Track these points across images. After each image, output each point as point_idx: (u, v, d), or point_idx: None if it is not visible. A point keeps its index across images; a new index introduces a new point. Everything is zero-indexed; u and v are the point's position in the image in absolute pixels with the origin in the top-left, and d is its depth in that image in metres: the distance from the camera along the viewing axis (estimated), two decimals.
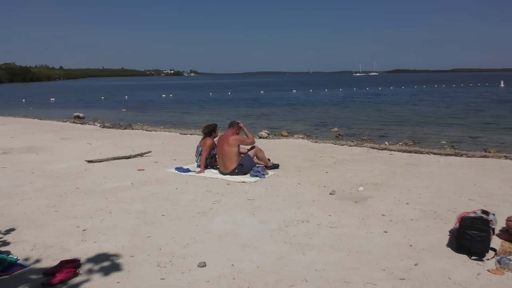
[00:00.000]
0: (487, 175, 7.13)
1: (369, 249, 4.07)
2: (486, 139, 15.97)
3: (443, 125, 20.29)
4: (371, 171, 7.41)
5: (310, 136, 15.64)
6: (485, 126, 20.06)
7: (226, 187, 6.41)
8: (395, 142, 14.85)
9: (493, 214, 4.39)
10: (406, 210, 5.22)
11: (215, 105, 34.51)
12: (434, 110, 28.57)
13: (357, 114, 25.83)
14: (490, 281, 3.42)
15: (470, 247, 3.85)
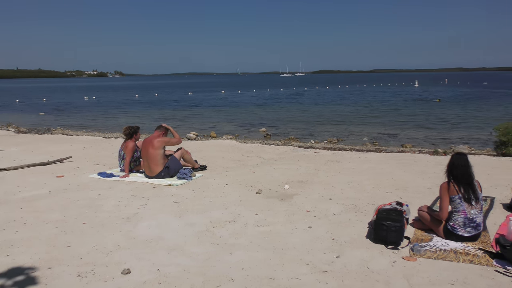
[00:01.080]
0: (403, 169, 7.60)
1: (294, 245, 4.18)
2: (403, 135, 17.05)
3: (365, 123, 21.36)
4: (297, 169, 7.61)
5: (239, 137, 15.74)
6: (402, 123, 21.40)
7: (152, 191, 6.26)
8: (321, 140, 15.37)
9: (406, 205, 4.70)
10: (329, 206, 5.43)
11: (141, 107, 33.62)
12: (356, 109, 30.00)
13: (284, 114, 26.42)
14: (404, 267, 3.66)
15: (386, 237, 4.08)
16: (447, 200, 4.24)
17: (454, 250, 3.98)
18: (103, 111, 29.56)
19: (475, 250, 3.99)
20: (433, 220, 4.40)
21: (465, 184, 4.20)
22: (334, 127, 19.93)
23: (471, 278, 3.46)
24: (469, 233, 4.16)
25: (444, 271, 3.58)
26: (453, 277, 3.48)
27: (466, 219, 4.14)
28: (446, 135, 16.99)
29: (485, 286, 3.33)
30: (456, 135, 17.12)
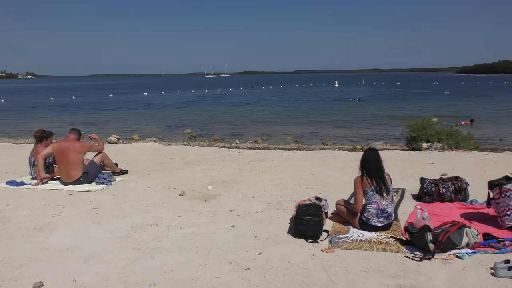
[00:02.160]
0: (323, 165, 7.89)
1: (217, 244, 4.17)
2: (324, 134, 17.74)
3: (289, 122, 21.93)
4: (221, 170, 7.61)
5: (163, 139, 15.44)
6: (324, 122, 22.27)
7: (68, 198, 5.92)
8: (246, 140, 15.52)
9: (325, 200, 4.89)
10: (252, 204, 5.49)
11: (57, 110, 31.69)
12: (280, 109, 30.71)
13: (209, 115, 26.35)
14: (323, 259, 3.80)
15: (306, 231, 4.21)
16: (361, 193, 4.47)
17: (368, 239, 4.21)
18: (13, 116, 27.48)
19: (388, 238, 4.24)
20: (349, 213, 4.62)
21: (376, 177, 4.45)
22: (259, 127, 20.24)
23: (384, 264, 3.67)
24: (382, 223, 4.41)
25: (359, 260, 3.77)
26: (368, 265, 3.67)
27: (379, 210, 4.39)
28: (364, 132, 17.93)
29: (396, 271, 3.55)
30: (373, 132, 18.15)
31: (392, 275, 3.47)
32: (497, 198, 4.47)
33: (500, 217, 4.45)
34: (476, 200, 5.41)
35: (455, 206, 5.24)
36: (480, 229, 4.36)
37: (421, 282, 3.35)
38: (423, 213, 4.48)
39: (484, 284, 3.30)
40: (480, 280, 3.37)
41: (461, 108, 29.78)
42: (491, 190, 4.56)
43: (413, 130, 10.84)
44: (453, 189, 5.38)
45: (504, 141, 15.57)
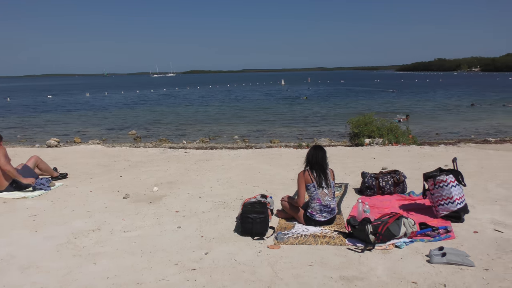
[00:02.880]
0: (269, 163, 7.98)
1: (162, 246, 4.10)
2: (271, 132, 17.94)
3: (236, 121, 21.98)
4: (166, 170, 7.49)
5: (107, 141, 14.99)
6: (271, 120, 22.51)
7: (2, 207, 5.59)
8: (193, 140, 15.40)
9: (270, 197, 4.94)
10: (199, 204, 5.45)
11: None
12: (228, 108, 30.71)
13: (155, 115, 25.88)
14: (269, 255, 3.84)
15: (252, 229, 4.24)
16: (303, 187, 4.57)
17: (313, 234, 4.30)
18: None
19: (331, 232, 4.36)
20: (294, 209, 4.70)
21: (319, 173, 4.55)
22: (206, 126, 20.13)
23: (327, 257, 3.77)
24: (325, 217, 4.53)
25: (304, 254, 3.84)
26: (312, 258, 3.75)
27: (322, 206, 4.50)
28: (310, 130, 18.33)
29: (339, 263, 3.66)
30: (319, 129, 18.59)
31: (336, 267, 3.58)
32: (431, 189, 4.72)
33: (435, 207, 4.70)
34: (413, 191, 5.67)
35: (394, 198, 5.47)
36: (417, 219, 4.60)
37: (363, 273, 3.47)
38: (364, 206, 4.64)
39: (420, 271, 3.47)
40: (417, 267, 3.54)
41: (400, 105, 31.18)
42: (426, 182, 4.81)
43: (356, 126, 11.23)
44: (392, 182, 5.62)
45: (440, 135, 16.47)
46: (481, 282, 3.28)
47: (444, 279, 3.32)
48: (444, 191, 4.58)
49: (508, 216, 4.72)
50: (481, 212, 4.87)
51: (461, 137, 15.45)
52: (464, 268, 3.49)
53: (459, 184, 4.66)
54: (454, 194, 4.56)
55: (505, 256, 3.71)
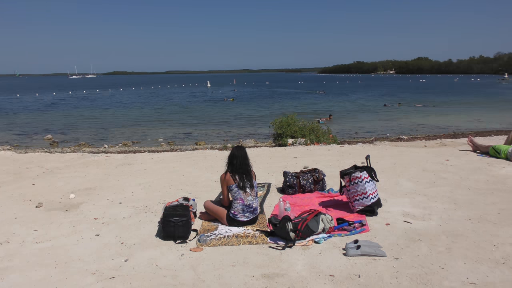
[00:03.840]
0: (193, 166, 7.91)
1: (79, 256, 3.91)
2: (197, 134, 17.82)
3: (161, 124, 21.54)
4: (85, 176, 7.16)
5: (19, 147, 14.00)
6: (197, 122, 22.35)
7: None
8: (115, 144, 14.85)
9: (193, 199, 4.91)
10: (119, 210, 5.26)
11: None
12: (152, 110, 29.99)
13: (74, 119, 24.62)
14: (192, 258, 3.80)
15: (174, 232, 4.18)
16: (226, 189, 4.60)
17: (236, 234, 4.33)
18: None
19: (254, 232, 4.42)
20: (216, 210, 4.70)
21: (241, 174, 4.60)
22: (130, 129, 19.52)
23: (250, 257, 3.82)
24: (248, 217, 4.58)
25: (227, 255, 3.86)
26: (235, 259, 3.78)
27: (244, 205, 4.55)
28: (236, 131, 18.45)
29: (260, 261, 3.72)
30: (245, 130, 18.77)
31: (257, 266, 3.63)
32: (347, 185, 4.96)
33: (351, 202, 4.94)
34: (332, 189, 5.92)
35: (315, 196, 5.67)
36: (335, 214, 4.80)
37: (283, 269, 3.56)
38: (285, 205, 4.75)
39: (337, 264, 3.63)
40: (334, 260, 3.70)
41: (324, 105, 32.42)
42: (342, 178, 5.04)
43: (279, 127, 11.48)
44: (312, 180, 5.82)
45: (358, 133, 17.35)
46: (392, 270, 3.50)
47: (359, 270, 3.50)
48: (359, 187, 4.84)
49: (416, 208, 5.08)
50: (393, 205, 5.20)
51: (377, 135, 16.39)
52: (377, 259, 3.71)
53: (372, 180, 4.94)
54: (368, 190, 4.82)
55: (413, 245, 3.99)
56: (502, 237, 4.16)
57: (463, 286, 3.24)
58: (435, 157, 8.27)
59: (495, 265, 3.56)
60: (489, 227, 4.42)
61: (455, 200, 5.39)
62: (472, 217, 4.74)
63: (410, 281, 3.31)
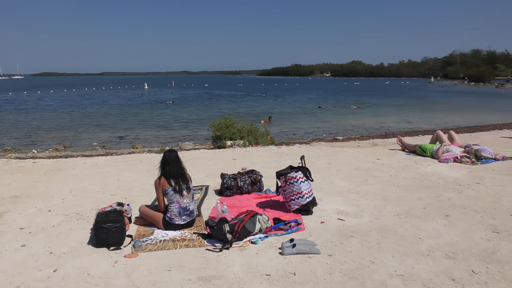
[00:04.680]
0: (129, 170, 7.69)
1: (2, 269, 3.66)
2: (135, 137, 17.36)
3: (96, 127, 20.73)
4: (10, 184, 6.72)
5: None
6: (135, 125, 21.74)
7: None
8: (45, 149, 14.13)
9: (127, 204, 4.77)
10: (48, 218, 4.99)
11: None
12: (87, 113, 28.79)
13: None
14: (126, 265, 3.69)
15: (108, 239, 4.04)
16: (161, 193, 4.52)
17: (172, 238, 4.27)
18: None
19: (191, 235, 4.37)
20: (152, 215, 4.60)
21: (176, 177, 4.54)
22: (61, 133, 18.62)
23: (186, 260, 3.77)
24: (184, 221, 4.53)
25: (163, 260, 3.78)
26: (171, 263, 3.72)
27: (181, 208, 4.49)
28: (175, 134, 18.18)
29: (197, 264, 3.69)
30: (184, 133, 18.54)
31: (194, 269, 3.59)
32: (283, 186, 5.05)
33: (287, 202, 5.04)
34: (269, 189, 6.00)
35: (252, 197, 5.72)
36: (272, 214, 4.87)
37: (220, 271, 3.55)
38: (222, 207, 4.76)
39: (273, 263, 3.68)
40: (271, 260, 3.75)
41: (264, 107, 32.80)
42: (278, 179, 5.12)
43: (217, 129, 11.45)
44: (249, 181, 5.87)
45: (296, 135, 17.72)
46: (326, 267, 3.60)
47: (294, 268, 3.57)
48: (294, 187, 4.94)
49: (349, 206, 5.28)
50: (328, 203, 5.36)
51: (314, 136, 16.84)
52: (312, 256, 3.80)
53: (307, 180, 5.07)
54: (303, 189, 4.94)
55: (346, 242, 4.14)
56: (427, 230, 4.42)
57: (392, 278, 3.40)
58: (368, 157, 8.64)
59: (420, 257, 3.77)
60: (415, 222, 4.68)
61: (385, 197, 5.66)
62: (400, 212, 5.00)
63: (342, 276, 3.43)
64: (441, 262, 3.68)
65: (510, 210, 5.03)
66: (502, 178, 6.62)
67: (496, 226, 4.52)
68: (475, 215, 4.87)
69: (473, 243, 4.09)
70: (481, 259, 3.72)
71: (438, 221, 4.70)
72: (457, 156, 7.86)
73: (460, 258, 3.76)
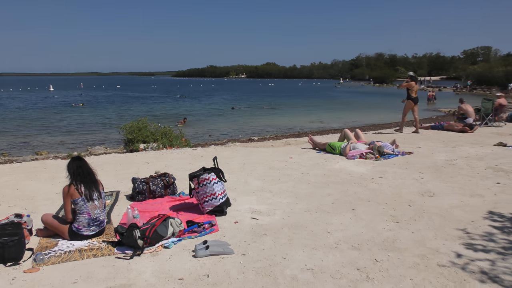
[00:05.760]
0: (30, 178, 7.14)
1: None
2: (38, 143, 16.18)
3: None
4: None
5: None
6: (38, 130, 20.25)
7: None
8: None
9: (27, 215, 4.43)
10: None
11: None
12: None
13: None
14: (26, 281, 3.41)
15: (4, 254, 3.70)
16: (69, 203, 4.23)
17: (79, 249, 4.03)
18: None
19: (99, 243, 4.16)
20: (57, 225, 4.31)
21: (86, 185, 4.28)
22: None
23: (94, 271, 3.58)
24: (93, 231, 4.29)
25: (68, 272, 3.56)
26: (77, 275, 3.50)
27: (90, 219, 4.25)
28: (84, 138, 17.25)
29: (106, 274, 3.52)
30: (94, 137, 17.65)
31: (102, 279, 3.42)
32: (196, 188, 5.00)
33: (201, 204, 5.00)
34: (183, 192, 5.91)
35: (165, 200, 5.59)
36: (186, 217, 4.81)
37: (131, 279, 3.42)
38: (133, 212, 4.59)
39: (187, 267, 3.63)
40: (184, 263, 3.69)
41: (180, 109, 32.32)
42: (191, 181, 5.06)
43: (129, 132, 11.06)
44: (162, 185, 5.73)
45: (212, 136, 17.69)
46: (239, 266, 3.63)
47: (208, 270, 3.55)
48: (208, 188, 4.92)
49: (262, 204, 5.38)
50: (241, 203, 5.41)
51: (230, 137, 16.92)
52: (225, 257, 3.81)
53: (220, 181, 5.07)
54: (217, 190, 4.93)
55: (259, 240, 4.20)
56: (335, 224, 4.64)
57: (302, 272, 3.52)
58: (281, 156, 8.87)
59: (329, 250, 3.95)
60: (325, 216, 4.89)
61: (296, 194, 5.84)
62: (311, 208, 5.19)
63: (255, 274, 3.48)
64: (347, 253, 3.88)
65: (408, 201, 5.46)
66: (402, 171, 7.17)
67: (396, 216, 4.88)
68: (378, 207, 5.21)
69: (376, 233, 4.37)
70: (383, 248, 3.98)
71: (345, 214, 4.95)
72: (362, 153, 8.36)
73: (365, 248, 3.99)
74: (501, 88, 47.29)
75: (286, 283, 3.35)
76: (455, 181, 6.48)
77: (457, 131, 12.61)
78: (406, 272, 3.51)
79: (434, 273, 3.47)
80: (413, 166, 7.61)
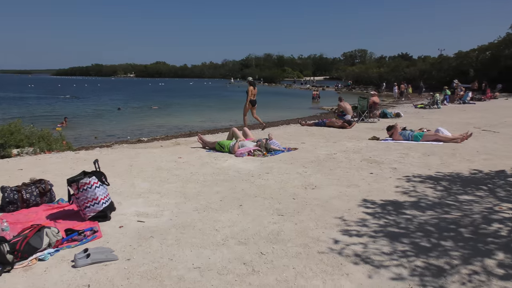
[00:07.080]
0: None
1: None
2: None
3: None
4: None
5: None
6: None
7: None
8: None
9: None
10: None
11: None
12: None
13: None
14: None
15: None
16: None
17: None
18: None
19: None
20: None
21: None
22: None
23: None
24: None
25: None
26: None
27: None
28: None
29: None
30: None
31: None
32: (76, 193, 4.69)
33: (82, 210, 4.69)
34: (62, 199, 5.50)
35: (42, 209, 5.15)
36: (65, 225, 4.47)
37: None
38: (2, 224, 4.14)
39: (65, 278, 3.38)
40: (61, 275, 3.43)
41: (62, 110, 30.06)
42: (70, 186, 4.73)
43: (0, 136, 9.99)
44: (37, 192, 5.27)
45: (98, 138, 16.79)
46: (124, 272, 3.48)
47: (89, 280, 3.35)
48: (89, 193, 4.64)
49: (149, 206, 5.23)
50: (127, 207, 5.20)
51: (118, 139, 16.21)
52: (109, 264, 3.63)
53: (102, 184, 4.82)
54: (99, 195, 4.68)
55: (145, 243, 4.08)
56: (222, 221, 4.69)
57: (189, 272, 3.49)
58: (170, 156, 8.72)
59: (216, 247, 3.98)
60: (213, 214, 4.92)
61: (185, 194, 5.79)
62: (199, 207, 5.18)
63: (141, 279, 3.37)
64: (234, 249, 3.95)
65: (292, 194, 5.73)
66: (287, 166, 7.51)
67: (281, 209, 5.09)
68: (264, 202, 5.39)
69: (262, 227, 4.51)
70: (268, 241, 4.13)
71: (233, 211, 5.04)
72: (250, 150, 8.59)
73: (251, 242, 4.10)
74: (375, 87, 52.20)
75: (172, 284, 3.30)
76: (334, 174, 6.97)
77: (337, 127, 13.60)
78: (289, 261, 3.67)
79: (315, 260, 3.69)
80: (298, 161, 8.02)
